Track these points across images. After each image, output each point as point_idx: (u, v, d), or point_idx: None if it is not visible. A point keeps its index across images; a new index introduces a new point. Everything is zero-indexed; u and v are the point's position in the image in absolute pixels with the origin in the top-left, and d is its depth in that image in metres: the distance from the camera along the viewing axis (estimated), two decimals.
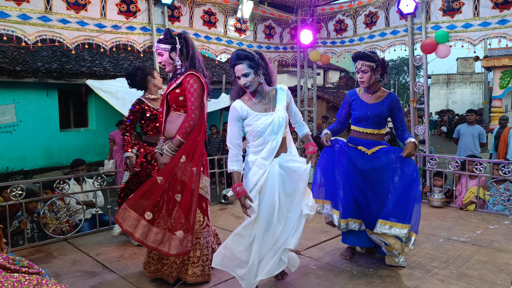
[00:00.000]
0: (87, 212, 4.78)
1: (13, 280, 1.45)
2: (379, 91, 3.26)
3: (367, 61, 3.11)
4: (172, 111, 2.90)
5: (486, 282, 2.91)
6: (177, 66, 2.90)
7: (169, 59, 2.87)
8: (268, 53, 6.41)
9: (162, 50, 2.86)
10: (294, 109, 2.79)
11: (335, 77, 28.80)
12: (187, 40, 2.91)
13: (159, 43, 2.88)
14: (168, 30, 2.92)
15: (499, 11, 4.75)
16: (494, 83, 14.84)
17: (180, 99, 2.85)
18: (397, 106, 3.22)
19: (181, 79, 2.85)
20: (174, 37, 2.87)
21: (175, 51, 2.86)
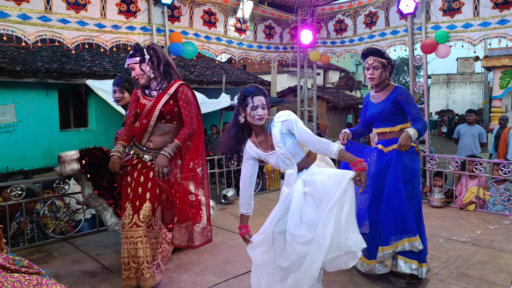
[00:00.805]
0: (87, 212, 4.78)
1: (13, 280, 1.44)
2: (386, 88, 3.03)
3: (380, 57, 2.93)
4: (164, 123, 2.88)
5: (486, 282, 2.91)
6: (150, 77, 2.89)
7: (140, 71, 2.87)
8: (268, 53, 6.41)
9: (132, 64, 2.87)
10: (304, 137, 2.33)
11: (335, 77, 28.81)
12: (156, 49, 2.92)
13: (129, 58, 2.89)
14: (137, 44, 2.94)
15: (499, 11, 4.75)
16: (494, 83, 14.84)
17: (175, 110, 2.88)
18: (403, 98, 2.91)
19: (172, 90, 2.86)
20: (142, 49, 2.89)
21: (145, 62, 2.86)
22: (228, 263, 3.36)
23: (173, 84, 2.87)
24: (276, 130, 2.36)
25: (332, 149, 2.29)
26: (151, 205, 2.80)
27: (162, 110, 2.83)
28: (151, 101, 2.86)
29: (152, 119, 2.84)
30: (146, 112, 2.86)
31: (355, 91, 28.02)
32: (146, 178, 2.84)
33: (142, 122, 2.86)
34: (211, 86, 13.15)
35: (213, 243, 3.83)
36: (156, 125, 2.87)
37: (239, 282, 2.99)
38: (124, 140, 2.97)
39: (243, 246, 2.93)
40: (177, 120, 2.92)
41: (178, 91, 2.85)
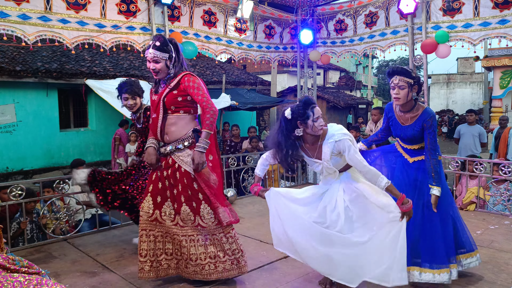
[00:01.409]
0: (87, 212, 4.78)
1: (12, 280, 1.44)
2: (414, 109, 2.91)
3: (406, 77, 2.81)
4: (170, 114, 2.86)
5: (486, 282, 2.91)
6: (169, 74, 2.87)
7: (165, 67, 2.83)
8: (268, 53, 6.41)
9: (159, 58, 2.79)
10: (354, 164, 2.44)
11: (335, 77, 28.81)
12: (177, 46, 2.89)
13: (156, 49, 2.78)
14: (162, 36, 2.86)
15: (499, 11, 4.75)
16: (494, 83, 14.84)
17: (179, 100, 2.83)
18: (427, 125, 2.84)
19: (176, 82, 2.83)
20: (169, 45, 2.84)
21: (171, 60, 2.84)
22: None
23: (177, 77, 2.84)
24: (327, 149, 2.48)
25: (380, 183, 2.40)
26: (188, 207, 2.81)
27: (164, 101, 2.82)
28: (158, 96, 2.88)
29: (160, 113, 2.84)
30: (154, 106, 2.88)
31: (355, 91, 28.02)
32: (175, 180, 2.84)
33: (153, 117, 2.90)
34: (211, 86, 13.15)
35: None
36: (164, 117, 2.85)
37: (239, 282, 2.98)
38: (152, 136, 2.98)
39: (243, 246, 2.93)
40: (185, 109, 2.87)
41: (184, 81, 2.81)
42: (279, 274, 3.12)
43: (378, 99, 32.42)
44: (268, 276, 3.08)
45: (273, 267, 3.25)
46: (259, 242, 3.86)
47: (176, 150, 2.84)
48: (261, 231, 4.19)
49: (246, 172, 5.80)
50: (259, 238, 3.96)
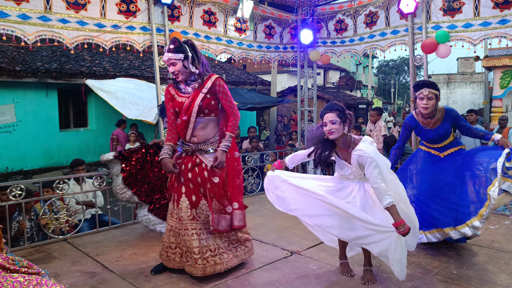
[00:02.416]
0: (87, 212, 4.77)
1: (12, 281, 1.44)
2: (436, 113, 3.39)
3: (433, 89, 3.27)
4: (203, 116, 2.97)
5: (486, 283, 2.91)
6: (194, 73, 2.95)
7: (183, 68, 2.90)
8: (268, 53, 6.40)
9: (175, 60, 2.87)
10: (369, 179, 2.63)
11: (335, 77, 28.81)
12: (194, 46, 3.00)
13: (170, 52, 2.87)
14: (177, 39, 2.93)
15: (500, 11, 4.74)
16: (495, 83, 14.81)
17: (212, 103, 2.96)
18: (457, 118, 3.39)
19: (209, 85, 2.92)
20: (184, 45, 2.92)
21: (188, 59, 2.91)
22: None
23: (209, 79, 2.95)
24: (355, 155, 2.69)
25: (383, 202, 2.55)
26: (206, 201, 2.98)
27: (200, 105, 2.91)
28: (188, 98, 2.93)
29: (192, 115, 2.92)
30: (185, 108, 2.92)
31: (355, 91, 28.01)
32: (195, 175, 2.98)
33: (183, 119, 2.94)
34: None
35: None
36: (196, 120, 2.94)
37: (239, 282, 2.98)
38: (170, 140, 3.05)
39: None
40: (215, 112, 3.03)
41: (215, 85, 2.95)
42: (279, 274, 3.12)
43: (378, 99, 32.42)
44: (268, 276, 3.08)
45: (273, 267, 3.25)
46: (259, 242, 3.86)
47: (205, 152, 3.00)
48: (261, 231, 4.19)
49: (246, 172, 5.79)
50: (259, 238, 3.96)
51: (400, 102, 44.95)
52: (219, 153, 2.93)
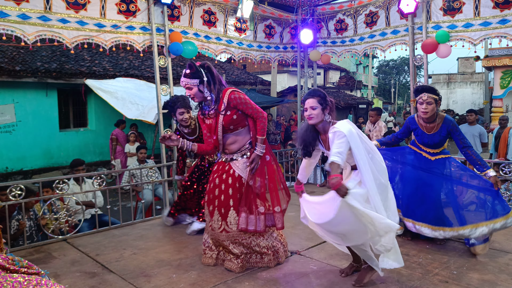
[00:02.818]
0: (87, 212, 4.77)
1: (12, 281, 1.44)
2: (437, 118, 3.48)
3: (433, 94, 3.36)
4: (230, 132, 3.10)
5: (486, 283, 2.90)
6: (207, 97, 3.06)
7: (199, 92, 3.02)
8: (268, 53, 6.40)
9: (190, 85, 3.00)
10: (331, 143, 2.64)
11: (335, 77, 28.81)
12: (211, 68, 3.07)
13: (186, 77, 3.00)
14: (193, 64, 3.02)
15: (500, 10, 4.74)
16: (495, 83, 14.82)
17: (235, 118, 3.04)
18: (453, 129, 3.43)
19: (225, 104, 3.00)
20: (200, 70, 3.01)
21: (203, 84, 3.01)
22: None
23: (223, 97, 3.01)
24: (330, 135, 2.70)
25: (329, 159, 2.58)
26: (235, 212, 3.09)
27: (223, 124, 3.05)
28: (213, 120, 3.11)
29: (219, 134, 3.10)
30: (212, 130, 3.13)
31: (355, 91, 28.02)
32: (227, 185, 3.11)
33: (213, 138, 3.16)
34: None
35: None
36: (224, 136, 3.12)
37: (239, 282, 2.98)
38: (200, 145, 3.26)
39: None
40: (242, 124, 3.11)
41: (231, 101, 2.99)
42: (279, 274, 3.12)
43: (378, 99, 32.43)
44: (268, 276, 3.08)
45: (273, 267, 3.25)
46: None
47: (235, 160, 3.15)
48: None
49: None
50: None
51: (400, 102, 44.98)
52: (254, 157, 3.07)
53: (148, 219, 4.88)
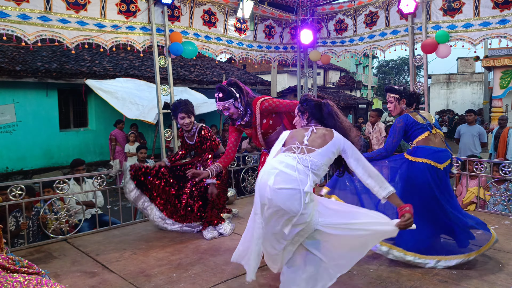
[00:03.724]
0: (87, 212, 4.77)
1: (12, 280, 1.44)
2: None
3: (393, 93, 3.54)
4: (271, 133, 3.25)
5: (486, 283, 2.91)
6: (241, 112, 3.21)
7: (235, 109, 3.18)
8: (268, 53, 6.41)
9: (227, 106, 3.16)
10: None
11: (335, 77, 28.81)
12: (238, 84, 3.21)
13: (221, 101, 3.15)
14: (222, 86, 3.17)
15: (500, 11, 4.75)
16: (495, 83, 14.81)
17: (271, 123, 3.21)
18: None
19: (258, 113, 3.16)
20: (230, 90, 3.14)
21: (237, 101, 3.16)
22: (228, 264, 3.35)
23: (255, 111, 3.17)
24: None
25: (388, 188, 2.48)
26: None
27: (262, 132, 3.23)
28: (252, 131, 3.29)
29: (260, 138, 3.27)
30: (254, 138, 3.34)
31: (355, 91, 28.01)
32: None
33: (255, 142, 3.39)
34: (211, 86, 13.15)
35: (212, 244, 3.84)
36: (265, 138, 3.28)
37: (239, 282, 2.98)
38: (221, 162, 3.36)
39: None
40: (278, 123, 3.24)
41: (264, 110, 3.15)
42: (279, 274, 3.11)
43: (378, 99, 32.41)
44: (268, 275, 3.08)
45: None
46: None
47: None
48: None
49: (246, 172, 5.79)
50: None
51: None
52: None
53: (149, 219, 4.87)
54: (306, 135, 2.43)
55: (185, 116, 3.89)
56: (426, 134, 3.34)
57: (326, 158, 2.35)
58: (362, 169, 2.40)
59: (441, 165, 3.25)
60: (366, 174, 2.40)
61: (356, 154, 2.41)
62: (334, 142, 2.38)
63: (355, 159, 2.40)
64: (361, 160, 2.41)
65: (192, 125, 3.99)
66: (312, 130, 2.46)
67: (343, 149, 2.40)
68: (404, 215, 2.28)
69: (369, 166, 2.42)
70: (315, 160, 2.30)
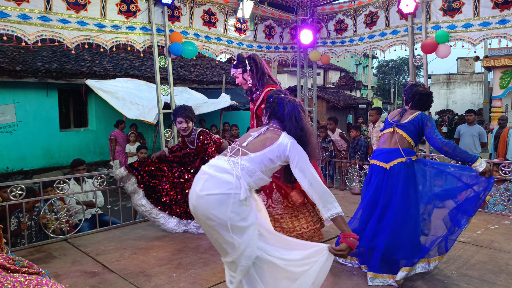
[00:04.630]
0: (87, 212, 4.78)
1: (13, 280, 1.44)
2: None
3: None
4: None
5: (486, 283, 2.91)
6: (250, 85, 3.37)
7: (243, 80, 3.36)
8: (268, 53, 6.41)
9: (236, 74, 3.36)
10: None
11: (335, 77, 28.81)
12: (255, 60, 3.34)
13: (233, 68, 3.37)
14: (240, 55, 3.39)
15: (499, 11, 4.75)
16: (494, 83, 14.81)
17: None
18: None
19: (262, 97, 3.31)
20: (244, 60, 3.33)
21: (247, 72, 3.33)
22: None
23: (263, 93, 3.33)
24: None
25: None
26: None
27: (257, 112, 3.40)
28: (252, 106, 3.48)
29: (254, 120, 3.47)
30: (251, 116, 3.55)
31: (355, 91, 28.02)
32: None
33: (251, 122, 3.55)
34: (211, 86, 13.15)
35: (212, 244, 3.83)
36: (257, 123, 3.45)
37: None
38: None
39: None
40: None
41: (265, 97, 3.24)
42: None
43: (378, 99, 32.43)
44: None
45: None
46: None
47: None
48: None
49: None
50: None
51: (400, 102, 44.96)
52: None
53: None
54: (253, 135, 2.24)
55: (183, 121, 3.94)
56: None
57: (261, 164, 2.12)
58: (308, 183, 2.11)
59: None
60: (312, 188, 2.11)
61: (303, 164, 2.12)
62: (275, 148, 2.13)
63: (300, 170, 2.12)
64: (307, 171, 2.12)
65: (190, 131, 4.02)
66: (262, 131, 2.25)
67: (288, 156, 2.13)
68: (342, 243, 2.05)
69: (317, 180, 2.12)
70: (247, 164, 2.08)
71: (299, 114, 2.24)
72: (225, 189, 1.98)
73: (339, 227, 2.11)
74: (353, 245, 2.04)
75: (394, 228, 2.93)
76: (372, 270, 2.95)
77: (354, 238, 2.05)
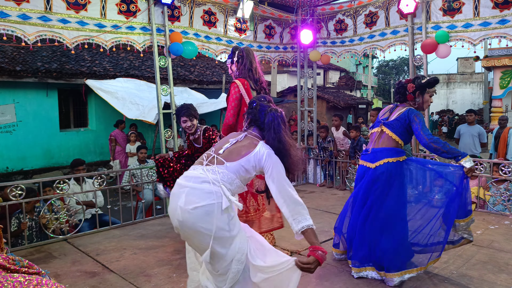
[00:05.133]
0: (87, 212, 4.78)
1: (13, 280, 1.44)
2: None
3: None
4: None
5: (486, 283, 2.91)
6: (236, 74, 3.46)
7: (230, 70, 3.51)
8: (268, 53, 6.41)
9: (228, 64, 3.51)
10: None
11: (335, 77, 28.81)
12: (243, 53, 3.41)
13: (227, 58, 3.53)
14: (234, 47, 3.47)
15: (499, 11, 4.75)
16: (494, 83, 14.82)
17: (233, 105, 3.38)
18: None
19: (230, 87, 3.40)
20: (234, 52, 3.44)
21: (233, 63, 3.44)
22: None
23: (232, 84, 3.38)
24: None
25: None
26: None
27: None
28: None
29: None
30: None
31: (355, 91, 28.01)
32: None
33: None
34: (211, 86, 13.15)
35: None
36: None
37: None
38: None
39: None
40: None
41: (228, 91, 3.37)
42: None
43: (378, 99, 32.43)
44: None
45: None
46: None
47: None
48: None
49: None
50: None
51: None
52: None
53: (149, 219, 4.88)
54: (230, 142, 2.15)
55: (187, 119, 3.95)
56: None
57: (237, 174, 2.04)
58: (279, 194, 2.02)
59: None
60: (282, 200, 2.01)
61: (276, 175, 2.02)
62: (251, 157, 2.05)
63: (272, 180, 2.02)
64: (280, 183, 2.02)
65: (195, 128, 4.02)
66: (239, 138, 2.16)
67: (263, 166, 2.05)
68: (310, 256, 1.92)
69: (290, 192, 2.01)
70: (226, 172, 2.02)
71: (278, 125, 2.13)
72: (210, 199, 1.91)
73: (309, 240, 1.99)
74: (321, 258, 1.92)
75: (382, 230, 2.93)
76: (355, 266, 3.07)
77: (323, 252, 1.94)
